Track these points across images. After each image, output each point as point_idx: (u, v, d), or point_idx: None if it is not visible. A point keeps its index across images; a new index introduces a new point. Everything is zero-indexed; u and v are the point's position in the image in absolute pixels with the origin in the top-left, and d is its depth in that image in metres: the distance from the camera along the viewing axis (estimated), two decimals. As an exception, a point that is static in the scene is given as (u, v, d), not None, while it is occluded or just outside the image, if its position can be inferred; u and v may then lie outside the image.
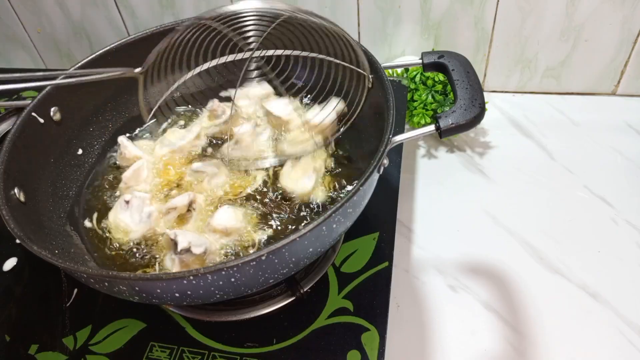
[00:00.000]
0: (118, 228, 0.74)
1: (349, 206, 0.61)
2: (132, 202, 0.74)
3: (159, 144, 0.84)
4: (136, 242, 0.72)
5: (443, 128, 0.66)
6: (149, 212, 0.73)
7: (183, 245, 0.65)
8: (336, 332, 0.69)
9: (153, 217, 0.73)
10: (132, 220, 0.73)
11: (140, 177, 0.79)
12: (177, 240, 0.65)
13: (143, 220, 0.73)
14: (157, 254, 0.70)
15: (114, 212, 0.76)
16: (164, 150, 0.83)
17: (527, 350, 0.72)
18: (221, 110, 0.86)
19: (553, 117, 1.07)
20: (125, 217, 0.74)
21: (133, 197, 0.74)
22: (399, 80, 1.03)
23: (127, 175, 0.79)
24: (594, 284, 0.78)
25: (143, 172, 0.80)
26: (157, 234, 0.73)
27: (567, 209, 0.89)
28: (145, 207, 0.74)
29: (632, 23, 0.98)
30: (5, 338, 0.72)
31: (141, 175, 0.79)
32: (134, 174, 0.79)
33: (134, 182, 0.79)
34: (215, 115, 0.86)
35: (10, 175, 0.68)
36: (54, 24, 1.23)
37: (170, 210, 0.73)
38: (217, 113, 0.86)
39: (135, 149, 0.83)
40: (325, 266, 0.75)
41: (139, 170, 0.79)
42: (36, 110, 0.76)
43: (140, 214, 0.73)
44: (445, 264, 0.83)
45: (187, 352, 0.69)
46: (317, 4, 1.07)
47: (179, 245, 0.65)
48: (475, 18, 1.03)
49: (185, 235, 0.66)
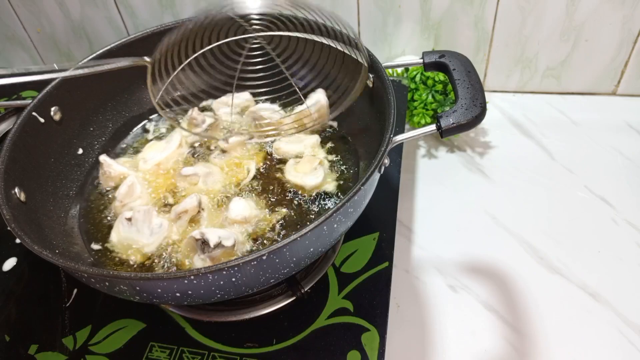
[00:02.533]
0: (128, 247, 0.71)
1: (350, 206, 0.61)
2: (135, 217, 0.71)
3: (142, 160, 0.83)
4: (156, 255, 0.70)
5: (444, 128, 0.66)
6: (160, 223, 0.71)
7: (215, 240, 0.64)
8: (336, 332, 0.69)
9: (165, 226, 0.71)
10: (142, 235, 0.71)
11: (134, 192, 0.77)
12: (207, 237, 0.65)
13: (155, 232, 0.71)
14: (184, 259, 0.69)
15: (116, 232, 0.73)
16: (149, 165, 0.82)
17: (527, 350, 0.72)
18: (201, 119, 0.86)
19: (553, 117, 1.07)
20: (132, 234, 0.71)
21: (135, 212, 0.72)
22: (399, 80, 1.03)
23: (122, 192, 0.77)
24: (594, 284, 0.78)
25: (136, 187, 0.77)
26: (174, 241, 0.71)
27: (567, 209, 0.89)
28: (154, 218, 0.72)
29: (632, 23, 0.98)
30: (5, 338, 0.72)
31: (135, 191, 0.77)
32: (129, 190, 0.77)
33: (129, 198, 0.76)
34: (195, 123, 0.85)
35: (10, 175, 0.68)
36: (54, 24, 1.23)
37: (181, 214, 0.72)
38: (196, 122, 0.85)
39: (120, 167, 0.81)
40: (325, 266, 0.75)
41: (133, 185, 0.77)
42: (36, 110, 0.76)
43: (150, 226, 0.71)
44: (445, 264, 0.83)
45: (186, 352, 0.69)
46: (316, 4, 1.07)
47: (211, 241, 0.64)
48: (475, 18, 1.03)
49: (212, 232, 0.66)
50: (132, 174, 0.80)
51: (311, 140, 0.83)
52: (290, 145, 0.83)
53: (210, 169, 0.80)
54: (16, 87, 1.15)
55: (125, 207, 0.76)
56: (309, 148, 0.83)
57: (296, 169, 0.79)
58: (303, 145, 0.83)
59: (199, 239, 0.66)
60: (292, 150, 0.82)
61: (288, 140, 0.83)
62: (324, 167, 0.79)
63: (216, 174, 0.80)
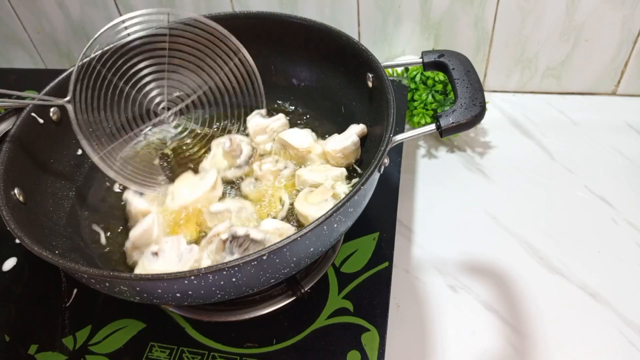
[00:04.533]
0: None
1: (350, 205, 0.61)
2: (162, 249, 0.66)
3: (170, 195, 0.76)
4: None
5: (443, 127, 0.65)
6: (191, 248, 0.66)
7: (243, 231, 0.62)
8: (336, 332, 0.69)
9: (195, 250, 0.66)
10: (170, 264, 0.65)
11: (151, 236, 0.70)
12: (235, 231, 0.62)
13: (184, 256, 0.66)
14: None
15: (140, 267, 0.67)
16: (175, 204, 0.74)
17: (527, 350, 0.72)
18: (239, 150, 0.77)
19: (553, 117, 1.07)
20: (159, 266, 0.66)
21: (163, 243, 0.67)
22: (399, 80, 1.03)
23: (135, 234, 0.70)
24: (594, 284, 0.78)
25: (154, 230, 0.70)
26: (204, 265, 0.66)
27: (567, 209, 0.89)
28: (182, 245, 0.67)
29: (632, 23, 0.98)
30: (5, 338, 0.72)
31: (152, 235, 0.70)
32: (144, 234, 0.70)
33: (144, 242, 0.70)
34: (234, 155, 0.78)
35: (10, 176, 0.68)
36: (54, 24, 1.23)
37: (213, 238, 0.67)
38: (235, 153, 0.77)
39: (142, 203, 0.75)
40: (325, 266, 0.75)
41: (149, 230, 0.70)
42: (36, 111, 0.76)
43: (178, 252, 0.66)
44: (445, 264, 0.83)
45: (186, 352, 0.69)
46: (317, 4, 1.07)
47: (240, 232, 0.62)
48: (475, 18, 1.03)
49: (240, 228, 0.63)
50: (152, 213, 0.73)
51: (336, 172, 0.76)
52: (313, 174, 0.77)
53: (242, 204, 0.74)
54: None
55: (136, 251, 0.71)
56: (330, 180, 0.75)
57: (307, 198, 0.73)
58: (326, 175, 0.76)
59: (226, 238, 0.63)
60: (313, 180, 0.76)
61: (311, 169, 0.78)
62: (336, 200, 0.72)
63: (249, 207, 0.74)
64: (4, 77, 1.21)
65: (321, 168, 0.78)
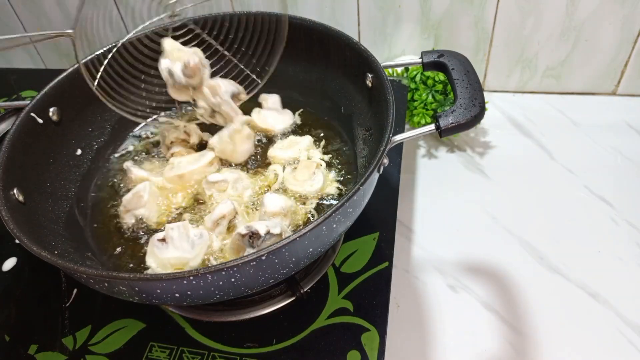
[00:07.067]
0: (170, 267, 0.67)
1: (349, 206, 0.61)
2: (169, 235, 0.68)
3: (170, 165, 0.81)
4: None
5: (443, 127, 0.65)
6: (200, 233, 0.68)
7: (264, 229, 0.63)
8: (336, 332, 0.69)
9: (205, 235, 0.69)
10: (184, 251, 0.67)
11: (140, 200, 0.75)
12: (256, 228, 0.63)
13: (196, 243, 0.68)
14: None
15: (152, 257, 0.69)
16: (171, 173, 0.79)
17: (527, 350, 0.72)
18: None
19: (553, 117, 1.07)
20: (171, 253, 0.67)
21: (168, 230, 0.68)
22: (399, 80, 1.03)
23: (127, 198, 0.76)
24: (594, 284, 0.78)
25: (144, 196, 0.75)
26: (214, 251, 0.69)
27: (567, 209, 0.89)
28: (191, 231, 0.69)
29: (632, 23, 0.98)
30: (5, 338, 0.72)
31: (142, 199, 0.75)
32: (134, 197, 0.76)
33: (134, 205, 0.75)
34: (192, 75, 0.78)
35: (9, 176, 0.68)
36: (54, 24, 1.23)
37: (219, 220, 0.70)
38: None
39: (141, 172, 0.80)
40: (325, 266, 0.75)
41: (138, 193, 0.76)
42: (35, 111, 0.76)
43: (189, 239, 0.68)
44: (445, 264, 0.83)
45: (186, 352, 0.69)
46: (317, 4, 1.07)
47: (261, 231, 0.63)
48: (475, 18, 1.03)
49: (258, 223, 0.64)
50: (147, 182, 0.78)
51: (304, 142, 0.82)
52: (284, 151, 0.82)
53: (239, 175, 0.78)
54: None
55: (128, 214, 0.75)
56: (303, 151, 0.81)
57: (295, 177, 0.77)
58: (298, 149, 0.81)
59: (245, 234, 0.63)
60: (288, 156, 0.81)
61: (281, 147, 0.82)
62: (322, 169, 0.78)
63: (245, 179, 0.78)
64: (4, 77, 1.21)
65: (288, 143, 0.83)
